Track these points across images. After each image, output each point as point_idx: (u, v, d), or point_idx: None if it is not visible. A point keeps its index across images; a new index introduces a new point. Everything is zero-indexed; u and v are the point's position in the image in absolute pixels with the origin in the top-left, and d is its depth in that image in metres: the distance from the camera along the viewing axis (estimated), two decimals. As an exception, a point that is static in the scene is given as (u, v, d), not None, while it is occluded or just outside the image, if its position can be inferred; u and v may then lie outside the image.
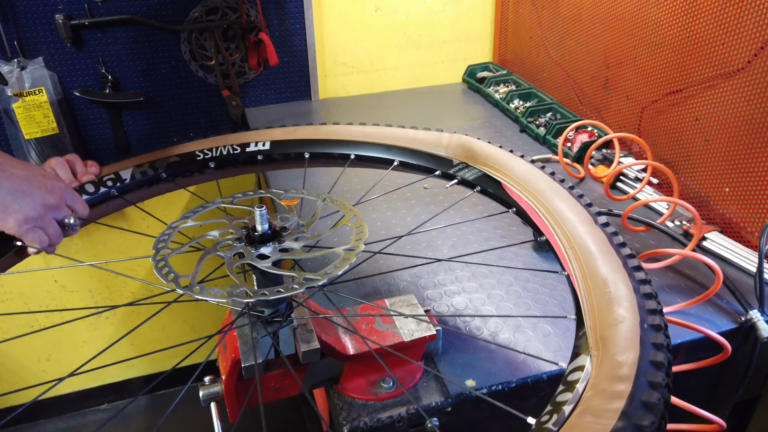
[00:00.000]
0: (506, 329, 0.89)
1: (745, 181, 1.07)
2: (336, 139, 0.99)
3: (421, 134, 0.96)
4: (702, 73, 1.14)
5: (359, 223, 0.72)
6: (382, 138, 0.97)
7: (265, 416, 0.57)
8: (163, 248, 0.69)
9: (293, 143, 1.00)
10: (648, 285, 0.61)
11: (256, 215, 0.67)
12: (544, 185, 0.79)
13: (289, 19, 1.74)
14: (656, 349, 0.53)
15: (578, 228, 0.70)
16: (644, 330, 0.55)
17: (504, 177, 0.83)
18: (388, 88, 1.98)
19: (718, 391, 1.01)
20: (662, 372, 0.51)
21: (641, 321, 0.56)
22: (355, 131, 0.99)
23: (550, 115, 1.58)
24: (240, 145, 1.01)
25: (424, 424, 0.78)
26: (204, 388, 0.72)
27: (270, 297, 0.60)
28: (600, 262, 0.65)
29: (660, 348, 0.53)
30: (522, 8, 1.83)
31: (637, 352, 0.53)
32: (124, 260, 2.00)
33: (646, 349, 0.53)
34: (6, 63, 1.52)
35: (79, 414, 2.22)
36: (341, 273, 0.63)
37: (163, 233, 0.73)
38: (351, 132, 0.99)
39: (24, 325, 1.99)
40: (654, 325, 0.56)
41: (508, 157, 0.86)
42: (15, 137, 1.59)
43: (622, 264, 0.63)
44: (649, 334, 0.55)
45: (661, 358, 0.52)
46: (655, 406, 0.48)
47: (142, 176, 0.98)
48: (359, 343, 0.75)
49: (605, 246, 0.67)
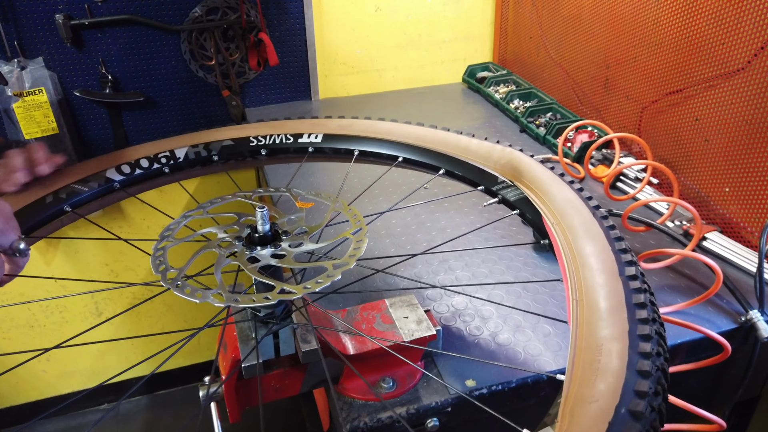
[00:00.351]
0: (506, 329, 0.89)
1: (745, 181, 1.07)
2: (388, 139, 0.95)
3: (474, 144, 0.91)
4: (702, 73, 1.14)
5: (360, 238, 0.70)
6: (434, 143, 0.93)
7: (265, 416, 0.57)
8: (169, 236, 0.69)
9: (346, 139, 0.97)
10: (649, 361, 0.52)
11: (258, 216, 0.67)
12: (578, 221, 0.71)
13: (289, 19, 1.74)
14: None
15: (595, 278, 0.63)
16: (618, 415, 0.48)
17: (543, 206, 0.76)
18: (388, 88, 1.98)
19: (718, 391, 1.01)
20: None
21: (618, 405, 0.49)
22: (409, 132, 0.95)
23: (550, 115, 1.58)
24: (293, 135, 0.99)
25: (424, 424, 0.78)
26: (204, 388, 0.72)
27: (241, 305, 0.59)
28: (604, 323, 0.57)
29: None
30: (522, 8, 1.83)
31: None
32: (134, 241, 2.00)
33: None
34: (6, 63, 1.52)
35: (79, 414, 2.22)
36: (318, 290, 0.61)
37: (174, 221, 0.73)
38: (404, 132, 0.95)
39: (24, 325, 1.99)
40: (634, 412, 0.48)
41: (552, 181, 0.79)
42: (15, 137, 1.59)
43: (627, 330, 0.55)
44: (623, 421, 0.48)
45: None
46: None
47: (196, 156, 0.98)
48: (359, 343, 0.75)
49: (617, 303, 0.59)
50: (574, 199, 0.75)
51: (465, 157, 0.89)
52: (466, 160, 0.89)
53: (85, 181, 0.90)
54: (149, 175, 0.95)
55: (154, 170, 0.95)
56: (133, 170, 0.93)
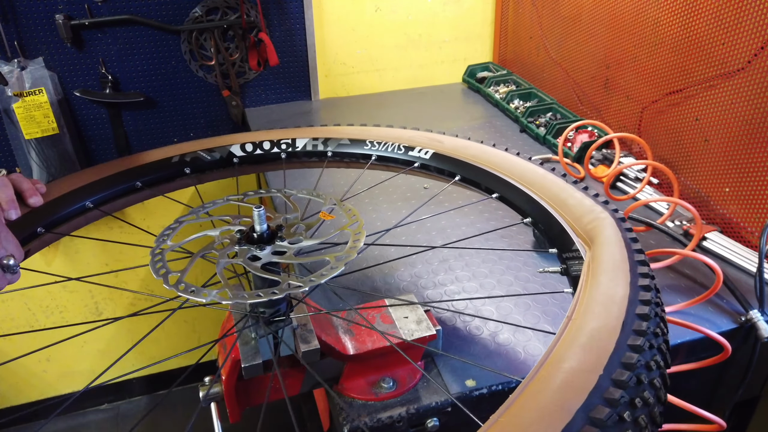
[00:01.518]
0: (506, 329, 0.89)
1: (745, 181, 1.07)
2: (491, 171, 0.88)
3: (574, 198, 0.77)
4: (702, 73, 1.14)
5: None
6: (530, 183, 0.83)
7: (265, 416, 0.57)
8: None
9: (451, 162, 0.92)
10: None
11: (255, 216, 0.67)
12: (598, 324, 0.56)
13: (289, 19, 1.74)
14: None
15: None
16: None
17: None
18: (388, 88, 1.98)
19: (718, 391, 1.01)
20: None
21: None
22: (510, 165, 0.86)
23: (550, 115, 1.58)
24: (405, 147, 0.98)
25: (424, 424, 0.78)
26: (204, 388, 0.72)
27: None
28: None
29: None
30: (522, 8, 1.83)
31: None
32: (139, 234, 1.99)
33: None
34: (6, 63, 1.52)
35: (79, 414, 2.22)
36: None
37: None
38: (509, 166, 0.86)
39: (24, 326, 1.99)
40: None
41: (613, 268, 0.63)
42: (15, 137, 1.59)
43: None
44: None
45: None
46: None
47: (313, 149, 1.00)
48: (359, 343, 0.75)
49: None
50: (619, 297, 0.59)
51: (556, 211, 0.77)
52: (555, 215, 0.76)
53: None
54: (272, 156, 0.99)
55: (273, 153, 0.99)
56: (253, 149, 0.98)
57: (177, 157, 0.98)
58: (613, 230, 0.69)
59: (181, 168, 0.97)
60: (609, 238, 0.67)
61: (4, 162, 1.65)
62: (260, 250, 0.67)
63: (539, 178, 0.83)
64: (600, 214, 0.73)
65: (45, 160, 1.61)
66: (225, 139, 1.03)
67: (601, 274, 0.61)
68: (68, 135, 1.64)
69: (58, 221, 0.85)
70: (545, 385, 0.47)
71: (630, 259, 0.63)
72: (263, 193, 0.85)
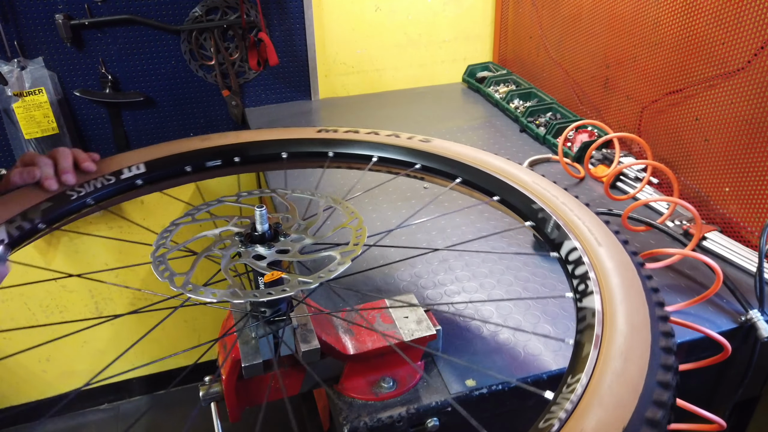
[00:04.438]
0: (506, 329, 0.89)
1: (745, 181, 1.07)
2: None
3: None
4: (702, 73, 1.14)
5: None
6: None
7: (265, 416, 0.57)
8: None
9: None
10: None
11: (257, 215, 0.67)
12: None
13: (289, 19, 1.74)
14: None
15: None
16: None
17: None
18: (388, 88, 1.98)
19: (718, 391, 1.01)
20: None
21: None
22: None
23: (550, 115, 1.58)
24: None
25: (424, 424, 0.78)
26: (204, 388, 0.72)
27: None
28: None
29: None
30: (522, 8, 1.83)
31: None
32: (140, 234, 1.99)
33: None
34: (6, 63, 1.52)
35: (79, 414, 2.22)
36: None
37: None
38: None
39: (24, 325, 1.99)
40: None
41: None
42: (15, 137, 1.59)
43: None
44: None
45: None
46: None
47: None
48: (359, 342, 0.75)
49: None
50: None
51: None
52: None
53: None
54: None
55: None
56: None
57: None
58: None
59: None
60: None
61: (4, 162, 1.65)
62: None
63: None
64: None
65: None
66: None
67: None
68: (68, 135, 1.64)
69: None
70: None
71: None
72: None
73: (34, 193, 0.81)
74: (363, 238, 0.68)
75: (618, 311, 0.57)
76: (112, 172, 0.88)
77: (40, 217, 0.78)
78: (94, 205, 0.86)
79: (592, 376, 0.50)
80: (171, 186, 0.95)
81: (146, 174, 0.90)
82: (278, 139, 0.99)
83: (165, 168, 0.92)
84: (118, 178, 0.88)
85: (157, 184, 0.93)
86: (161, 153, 0.93)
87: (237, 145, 0.96)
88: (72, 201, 0.83)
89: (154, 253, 0.67)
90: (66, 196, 0.82)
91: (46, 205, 0.80)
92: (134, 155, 0.92)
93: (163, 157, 0.93)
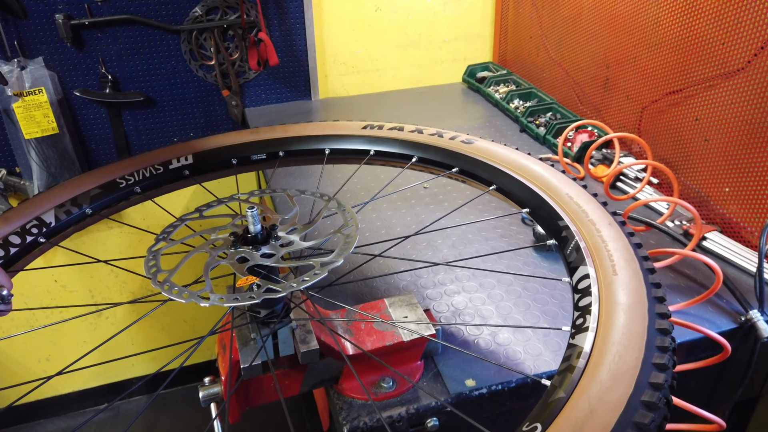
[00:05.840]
0: (506, 329, 0.89)
1: (745, 181, 1.07)
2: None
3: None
4: (702, 73, 1.14)
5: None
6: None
7: (265, 416, 0.57)
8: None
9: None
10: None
11: (249, 216, 0.67)
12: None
13: (289, 19, 1.74)
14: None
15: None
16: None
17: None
18: (388, 88, 1.98)
19: (718, 391, 1.01)
20: None
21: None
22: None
23: (550, 115, 1.58)
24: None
25: (424, 424, 0.78)
26: (204, 389, 0.72)
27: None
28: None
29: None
30: (522, 8, 1.83)
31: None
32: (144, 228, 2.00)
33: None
34: (6, 63, 1.52)
35: (79, 414, 2.22)
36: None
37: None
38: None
39: (24, 325, 1.99)
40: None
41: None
42: (15, 137, 1.59)
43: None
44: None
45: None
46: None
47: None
48: (359, 342, 0.75)
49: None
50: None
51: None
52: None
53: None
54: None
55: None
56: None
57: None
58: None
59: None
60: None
61: (4, 162, 1.65)
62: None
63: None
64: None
65: (45, 160, 1.62)
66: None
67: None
68: (68, 135, 1.64)
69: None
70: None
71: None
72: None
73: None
74: (350, 247, 0.67)
75: (607, 357, 0.52)
76: (161, 162, 0.90)
77: (88, 203, 0.82)
78: (141, 194, 0.89)
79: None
80: (216, 178, 0.97)
81: (193, 165, 0.92)
82: (323, 134, 0.99)
83: (211, 159, 0.94)
84: (166, 168, 0.90)
85: (202, 176, 0.95)
86: (208, 146, 0.95)
87: (283, 140, 0.97)
88: (121, 189, 0.86)
89: (151, 248, 0.67)
90: (115, 184, 0.87)
91: (95, 192, 0.84)
92: (182, 147, 0.95)
93: (210, 149, 0.95)
